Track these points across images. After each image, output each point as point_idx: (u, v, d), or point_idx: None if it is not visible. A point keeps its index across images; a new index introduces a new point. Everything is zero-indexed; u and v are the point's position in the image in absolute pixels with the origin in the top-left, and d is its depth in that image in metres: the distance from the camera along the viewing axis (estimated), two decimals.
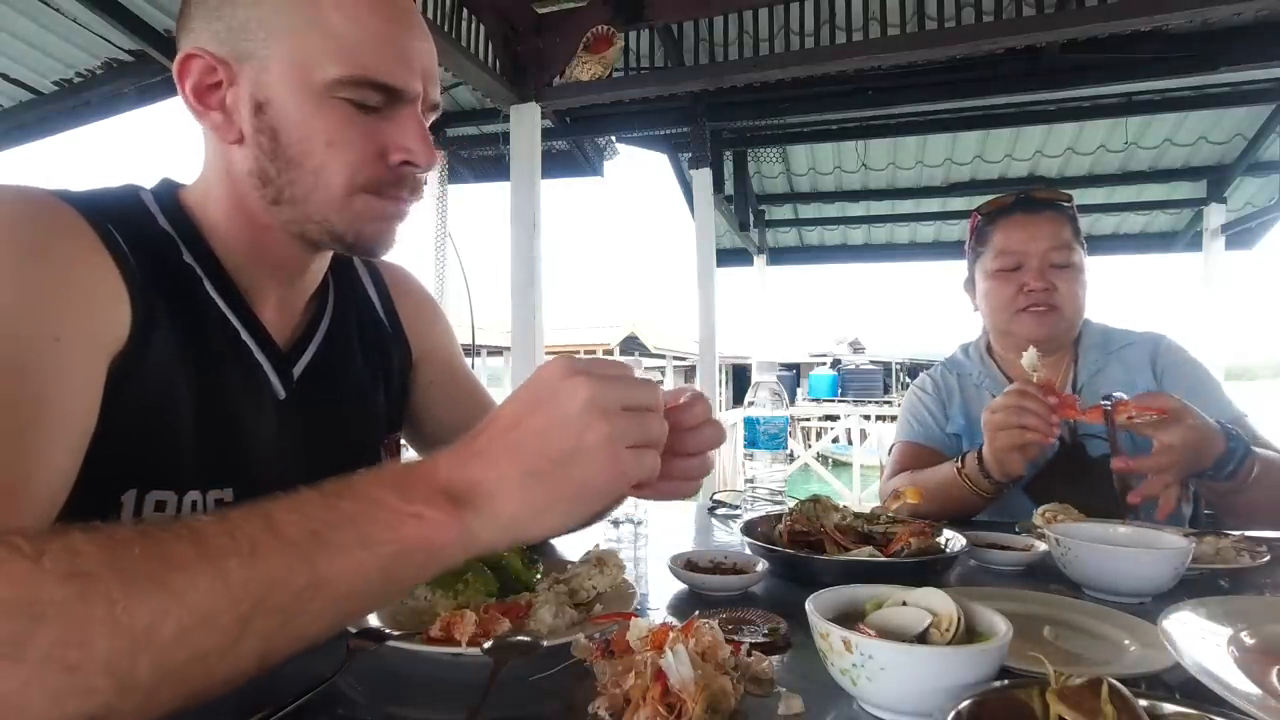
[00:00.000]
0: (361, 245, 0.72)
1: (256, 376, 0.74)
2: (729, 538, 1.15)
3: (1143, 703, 0.44)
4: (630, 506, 1.14)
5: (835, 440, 11.70)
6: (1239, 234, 5.51)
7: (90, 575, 0.38)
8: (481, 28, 3.04)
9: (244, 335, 0.73)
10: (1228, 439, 1.06)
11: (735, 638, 0.62)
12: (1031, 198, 1.38)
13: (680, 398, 0.58)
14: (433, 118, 0.74)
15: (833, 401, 17.08)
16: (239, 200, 0.70)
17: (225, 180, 0.71)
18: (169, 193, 0.73)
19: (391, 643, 0.59)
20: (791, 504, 1.04)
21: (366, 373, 0.87)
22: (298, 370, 0.78)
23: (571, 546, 0.95)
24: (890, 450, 1.52)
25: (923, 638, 0.55)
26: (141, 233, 0.67)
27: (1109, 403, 1.06)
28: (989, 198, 1.45)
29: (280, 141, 0.66)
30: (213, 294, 0.71)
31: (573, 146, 4.83)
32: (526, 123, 3.24)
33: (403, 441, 0.99)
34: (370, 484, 0.47)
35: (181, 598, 0.39)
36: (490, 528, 0.47)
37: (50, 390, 0.55)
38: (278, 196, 0.68)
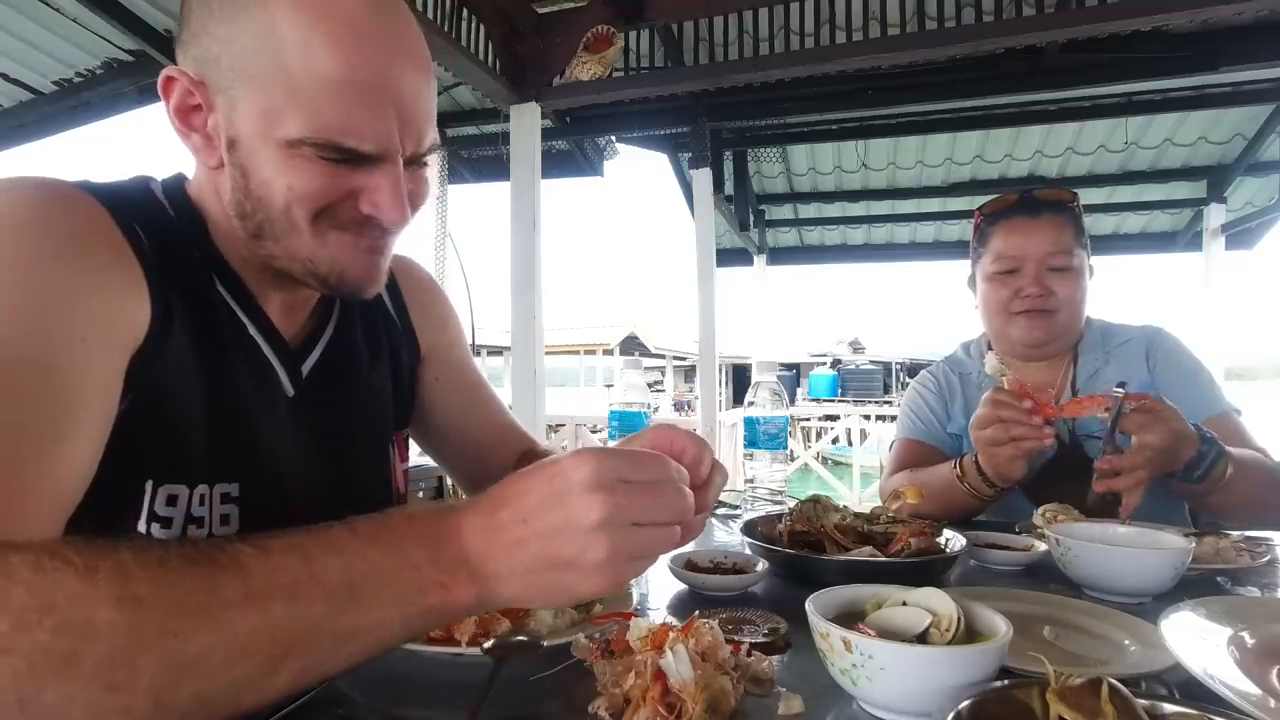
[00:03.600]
0: (346, 286, 0.70)
1: (266, 374, 0.74)
2: (729, 538, 1.15)
3: (1143, 703, 0.44)
4: None
5: (835, 441, 11.70)
6: (1239, 234, 5.50)
7: (142, 601, 0.40)
8: (481, 28, 3.04)
9: (252, 331, 0.73)
10: (1200, 442, 1.06)
11: (735, 638, 0.62)
12: (1033, 198, 1.36)
13: (684, 456, 0.55)
14: (427, 155, 0.69)
15: (833, 401, 17.08)
16: (228, 215, 0.69)
17: (214, 194, 0.69)
18: (178, 186, 0.72)
19: None
20: (792, 504, 1.04)
21: (375, 370, 0.87)
22: (306, 368, 0.78)
23: None
24: (890, 447, 1.51)
25: (923, 638, 0.55)
26: (160, 228, 0.67)
27: (1122, 390, 1.05)
28: (989, 198, 1.44)
29: (250, 181, 0.64)
30: (221, 290, 0.71)
31: (573, 146, 4.82)
32: (526, 123, 3.24)
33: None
34: (403, 537, 0.49)
35: (231, 634, 0.42)
36: (496, 600, 0.51)
37: (75, 390, 0.55)
38: (257, 232, 0.67)
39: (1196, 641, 0.58)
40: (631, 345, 21.22)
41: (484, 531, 0.49)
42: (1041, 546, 0.95)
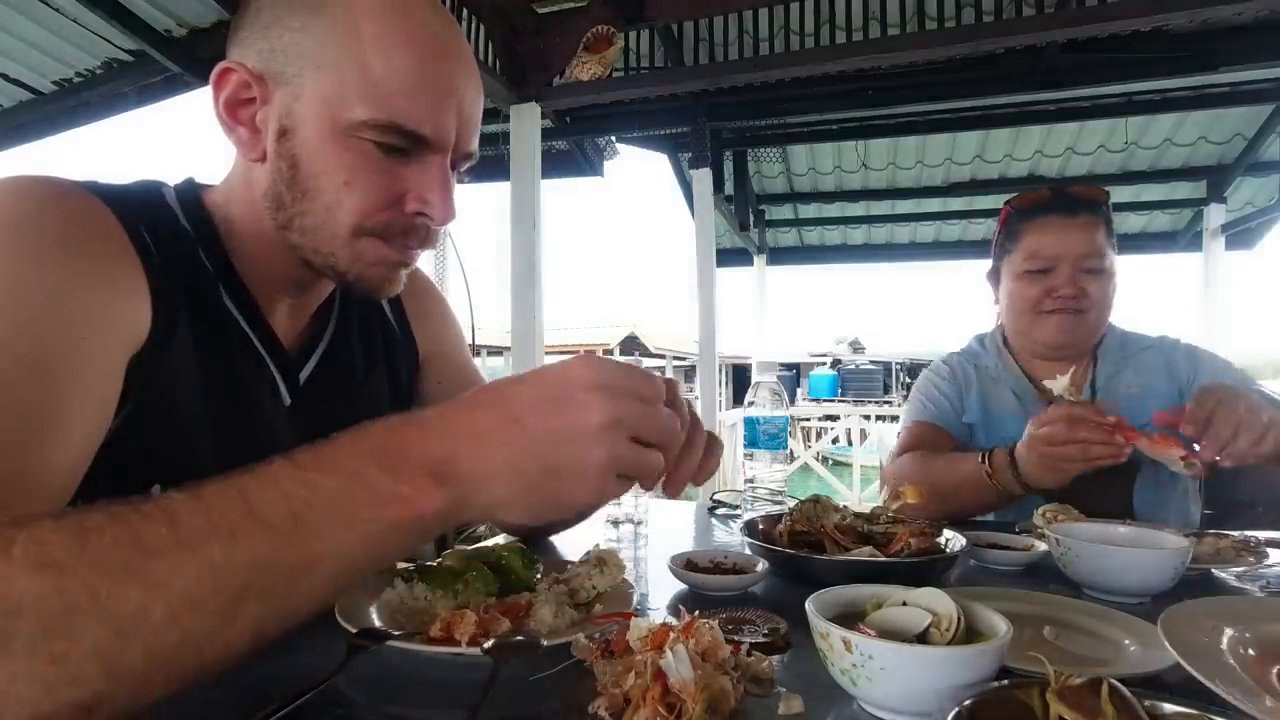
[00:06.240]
0: (361, 286, 0.71)
1: (265, 381, 0.75)
2: (729, 538, 1.15)
3: (1143, 703, 0.44)
4: (630, 507, 1.14)
5: (835, 441, 11.68)
6: (1239, 234, 5.51)
7: (62, 565, 0.38)
8: (481, 28, 3.04)
9: (254, 339, 0.73)
10: None
11: (735, 638, 0.62)
12: (1068, 196, 1.32)
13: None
14: (466, 165, 0.73)
15: (833, 401, 17.07)
16: (256, 214, 0.70)
17: (246, 192, 0.71)
18: (192, 193, 0.73)
19: (391, 643, 0.59)
20: (791, 504, 1.04)
21: (372, 376, 0.88)
22: (303, 375, 0.79)
23: (572, 546, 0.95)
24: (899, 431, 1.47)
25: (923, 638, 0.55)
26: (166, 231, 0.67)
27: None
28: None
29: (299, 171, 0.66)
30: (225, 297, 0.71)
31: (573, 146, 4.83)
32: (526, 123, 3.24)
33: None
34: (350, 453, 0.46)
35: (166, 585, 0.39)
36: (471, 508, 0.47)
37: (70, 389, 0.55)
38: (288, 223, 0.68)
39: (1196, 641, 0.58)
40: (631, 345, 21.22)
41: (460, 433, 0.47)
42: (1041, 546, 0.95)
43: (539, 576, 0.77)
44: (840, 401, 16.81)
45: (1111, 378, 1.35)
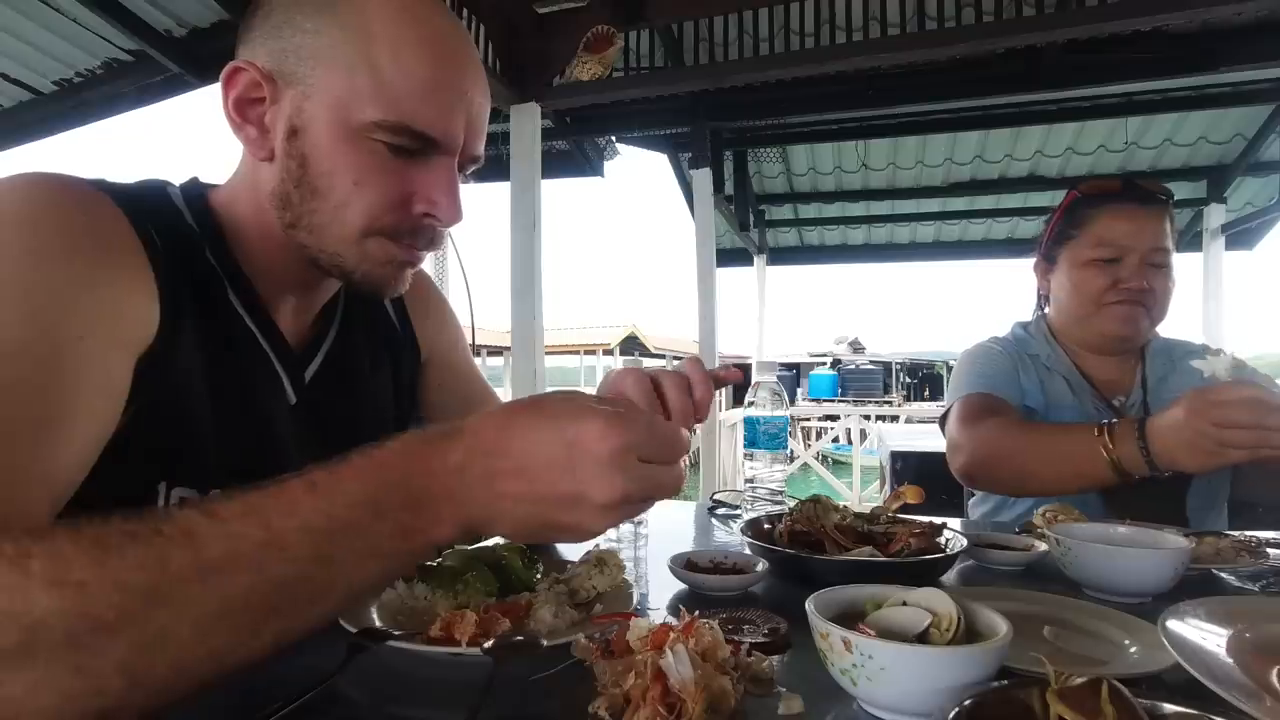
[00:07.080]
0: (368, 285, 0.72)
1: (272, 381, 0.75)
2: (729, 538, 1.15)
3: (1143, 703, 0.44)
4: None
5: (835, 441, 11.68)
6: (1239, 234, 5.52)
7: (83, 584, 0.39)
8: (482, 28, 3.04)
9: (260, 338, 0.74)
10: None
11: (735, 638, 0.62)
12: (1141, 186, 1.30)
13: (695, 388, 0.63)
14: (472, 168, 0.73)
15: (833, 401, 17.07)
16: (262, 213, 0.70)
17: (252, 191, 0.71)
18: (197, 192, 0.74)
19: (391, 643, 0.59)
20: (791, 504, 1.04)
21: (375, 375, 0.88)
22: (308, 374, 0.79)
23: (571, 546, 0.95)
24: (951, 406, 1.35)
25: (923, 638, 0.55)
26: (172, 231, 0.67)
27: None
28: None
29: (308, 170, 0.66)
30: (231, 296, 0.72)
31: (573, 146, 4.83)
32: (526, 123, 3.24)
33: None
34: (372, 484, 0.47)
35: (193, 608, 0.41)
36: (476, 535, 0.53)
37: (75, 387, 0.55)
38: (295, 222, 0.68)
39: (1196, 641, 0.58)
40: (631, 345, 21.23)
41: (474, 477, 0.49)
42: (1041, 546, 0.95)
43: (539, 576, 0.77)
44: (840, 401, 16.82)
45: (1161, 380, 1.33)
